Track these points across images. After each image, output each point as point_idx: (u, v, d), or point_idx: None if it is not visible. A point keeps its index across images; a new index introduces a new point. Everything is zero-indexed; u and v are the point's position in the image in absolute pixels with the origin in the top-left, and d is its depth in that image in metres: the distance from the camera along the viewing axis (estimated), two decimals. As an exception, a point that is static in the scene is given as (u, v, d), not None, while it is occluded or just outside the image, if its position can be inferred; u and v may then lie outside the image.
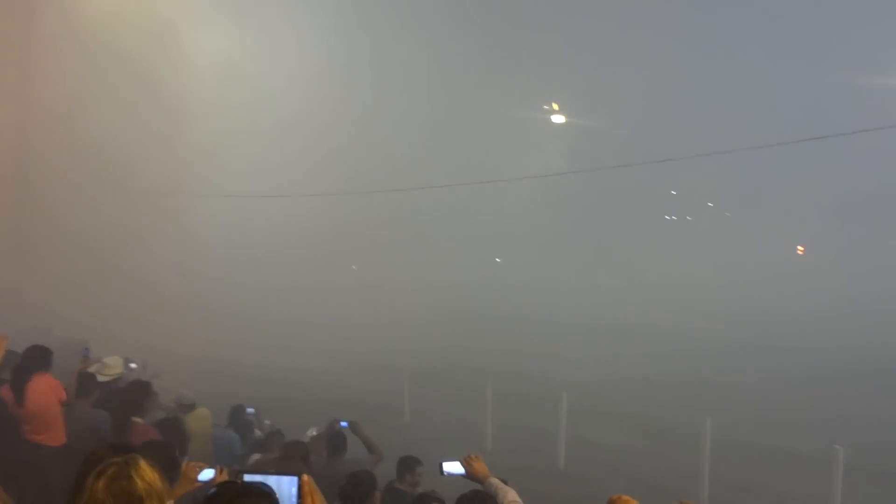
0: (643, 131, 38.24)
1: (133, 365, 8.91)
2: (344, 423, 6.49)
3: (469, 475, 3.77)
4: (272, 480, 2.25)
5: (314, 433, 6.82)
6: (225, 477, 3.30)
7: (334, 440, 6.27)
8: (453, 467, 3.78)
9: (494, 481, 3.69)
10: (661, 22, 41.44)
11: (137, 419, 5.42)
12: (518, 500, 3.55)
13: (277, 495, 2.14)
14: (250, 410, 8.25)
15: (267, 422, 8.61)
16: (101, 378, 6.76)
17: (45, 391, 5.72)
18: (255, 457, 5.78)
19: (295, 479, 2.39)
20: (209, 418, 7.58)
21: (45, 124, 16.32)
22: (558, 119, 33.15)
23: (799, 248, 46.46)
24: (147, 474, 2.09)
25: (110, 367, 7.14)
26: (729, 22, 44.42)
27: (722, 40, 42.38)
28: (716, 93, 44.87)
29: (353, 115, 29.64)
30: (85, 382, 6.29)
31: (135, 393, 5.55)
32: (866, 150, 35.64)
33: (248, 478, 2.26)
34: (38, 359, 5.82)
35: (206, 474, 3.35)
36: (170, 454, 4.63)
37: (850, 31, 43.71)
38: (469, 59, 36.23)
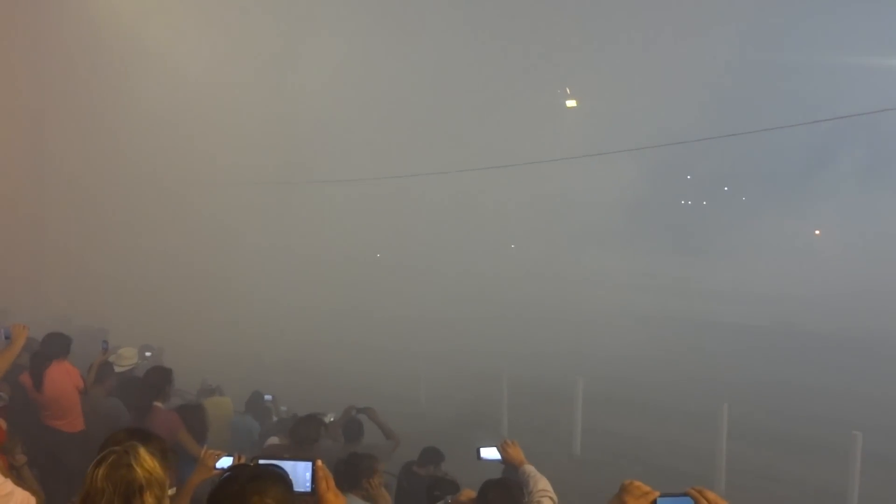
0: (656, 115, 37.71)
1: (149, 353, 9.04)
2: (360, 410, 6.52)
3: (505, 461, 3.83)
4: (287, 465, 2.24)
5: (331, 419, 6.83)
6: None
7: (350, 426, 6.30)
8: (490, 453, 3.84)
9: (529, 468, 3.73)
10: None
11: (158, 404, 5.46)
12: (549, 488, 3.57)
13: (292, 479, 2.13)
14: (268, 397, 8.31)
15: (283, 408, 8.67)
16: (116, 369, 6.87)
17: (63, 378, 5.80)
18: (273, 439, 5.79)
19: (309, 464, 2.38)
20: (229, 406, 7.66)
21: (64, 114, 16.45)
22: (570, 103, 32.84)
23: (816, 231, 45.88)
24: (147, 462, 2.06)
25: (125, 357, 7.28)
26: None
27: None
28: (726, 76, 44.16)
29: (372, 105, 29.44)
30: (101, 371, 6.47)
31: (156, 378, 5.60)
32: (887, 129, 35.11)
33: (262, 463, 2.25)
34: (56, 346, 5.91)
35: (224, 462, 3.31)
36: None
37: (869, 9, 42.83)
38: (486, 45, 35.82)
